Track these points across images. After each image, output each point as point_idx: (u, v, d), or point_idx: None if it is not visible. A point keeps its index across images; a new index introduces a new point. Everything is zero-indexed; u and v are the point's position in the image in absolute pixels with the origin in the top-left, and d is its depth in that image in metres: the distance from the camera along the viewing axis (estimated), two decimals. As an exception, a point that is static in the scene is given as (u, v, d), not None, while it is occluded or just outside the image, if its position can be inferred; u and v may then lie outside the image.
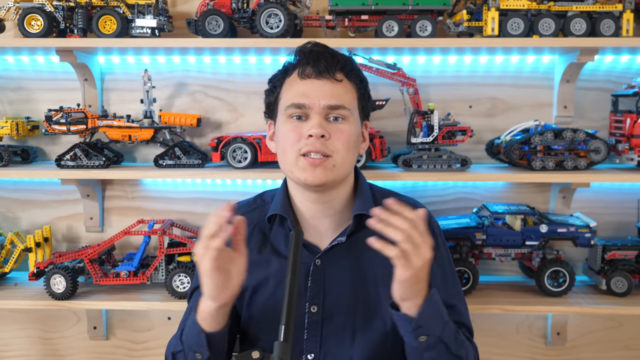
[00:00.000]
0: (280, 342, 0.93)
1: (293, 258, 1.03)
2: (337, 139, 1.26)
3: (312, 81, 1.28)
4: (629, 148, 1.90)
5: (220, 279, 1.11)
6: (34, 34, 1.85)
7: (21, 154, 2.06)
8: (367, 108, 1.38)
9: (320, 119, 1.26)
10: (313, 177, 1.25)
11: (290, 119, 1.29)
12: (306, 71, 1.29)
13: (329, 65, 1.28)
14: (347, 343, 1.30)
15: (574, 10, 1.85)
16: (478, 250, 1.94)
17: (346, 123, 1.28)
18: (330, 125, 1.27)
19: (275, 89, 1.35)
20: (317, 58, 1.28)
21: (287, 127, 1.29)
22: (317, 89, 1.27)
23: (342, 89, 1.29)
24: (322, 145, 1.25)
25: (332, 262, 1.32)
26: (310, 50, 1.31)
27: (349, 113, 1.29)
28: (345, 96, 1.29)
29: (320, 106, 1.26)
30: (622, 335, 2.15)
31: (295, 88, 1.29)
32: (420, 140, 1.88)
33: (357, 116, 1.32)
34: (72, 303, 1.90)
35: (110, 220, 2.16)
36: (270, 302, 1.33)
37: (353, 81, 1.32)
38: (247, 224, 1.39)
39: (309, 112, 1.27)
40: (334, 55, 1.31)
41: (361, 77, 1.36)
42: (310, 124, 1.26)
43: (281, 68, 1.35)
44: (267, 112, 1.39)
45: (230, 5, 1.87)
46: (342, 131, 1.27)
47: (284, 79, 1.33)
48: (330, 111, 1.27)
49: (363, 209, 1.32)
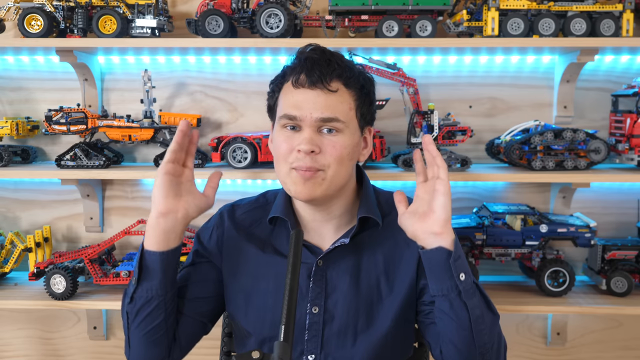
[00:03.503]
0: (280, 342, 0.93)
1: (293, 258, 1.03)
2: (329, 154, 1.24)
3: (305, 91, 1.25)
4: (629, 148, 1.90)
5: (168, 188, 1.21)
6: (34, 34, 1.85)
7: (21, 154, 2.07)
8: (368, 114, 1.33)
9: (311, 132, 1.23)
10: (302, 192, 1.24)
11: (284, 129, 1.27)
12: (299, 80, 1.25)
13: (323, 74, 1.24)
14: (349, 344, 1.30)
15: (574, 10, 1.85)
16: (478, 250, 1.94)
17: (340, 135, 1.25)
18: (323, 139, 1.24)
19: (274, 93, 1.33)
20: (312, 67, 1.24)
21: (281, 138, 1.27)
22: (309, 100, 1.24)
23: (336, 100, 1.25)
24: (311, 160, 1.23)
25: (334, 263, 1.32)
26: (306, 57, 1.27)
27: (343, 125, 1.25)
28: (340, 107, 1.25)
29: (312, 119, 1.23)
30: (622, 335, 2.15)
31: (289, 97, 1.27)
32: (420, 140, 1.88)
33: (355, 126, 1.28)
34: (72, 303, 1.90)
35: (110, 220, 2.16)
36: (270, 302, 1.33)
37: (351, 89, 1.27)
38: (248, 223, 1.41)
39: (301, 124, 1.25)
40: (330, 62, 1.25)
41: (362, 84, 1.30)
42: (301, 137, 1.23)
43: (281, 70, 1.33)
44: (269, 114, 1.39)
45: (230, 5, 1.87)
46: (335, 145, 1.24)
47: (282, 83, 1.31)
48: (323, 123, 1.24)
49: (368, 212, 1.31)
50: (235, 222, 1.40)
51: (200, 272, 1.39)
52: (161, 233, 1.22)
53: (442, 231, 1.13)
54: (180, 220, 1.23)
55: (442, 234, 1.13)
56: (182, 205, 1.23)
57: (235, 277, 1.37)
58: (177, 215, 1.23)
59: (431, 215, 1.14)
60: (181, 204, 1.23)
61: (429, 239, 1.14)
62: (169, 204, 1.21)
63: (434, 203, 1.14)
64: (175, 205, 1.22)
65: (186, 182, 1.26)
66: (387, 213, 1.36)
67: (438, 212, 1.13)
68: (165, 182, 1.21)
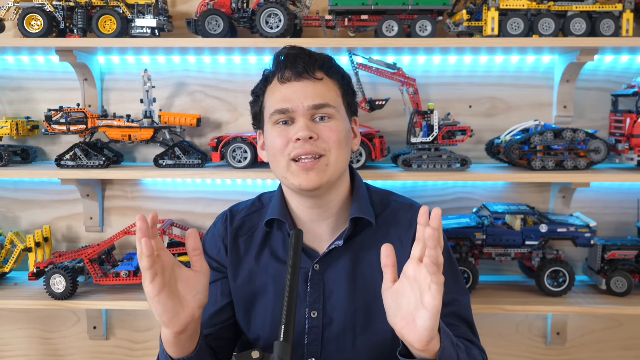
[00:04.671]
0: (280, 342, 0.93)
1: (293, 258, 1.03)
2: (327, 138, 1.25)
3: (293, 84, 1.27)
4: (629, 148, 1.90)
5: (170, 305, 1.04)
6: (34, 34, 1.85)
7: (21, 154, 2.06)
8: (353, 104, 1.36)
9: (306, 121, 1.24)
10: (307, 182, 1.24)
11: (276, 126, 1.27)
12: (285, 75, 1.27)
13: (307, 65, 1.27)
14: (349, 347, 1.30)
15: (574, 10, 1.85)
16: (478, 250, 1.94)
17: (333, 121, 1.27)
18: (318, 126, 1.25)
19: (258, 99, 1.34)
20: (294, 60, 1.27)
21: (274, 134, 1.27)
22: (299, 91, 1.26)
23: (324, 88, 1.27)
24: (312, 146, 1.23)
25: (330, 267, 1.32)
26: (286, 54, 1.30)
27: (335, 111, 1.27)
28: (329, 94, 1.28)
29: (305, 108, 1.25)
30: (622, 335, 2.15)
31: (277, 94, 1.28)
32: (420, 140, 1.88)
33: (344, 113, 1.31)
34: (72, 303, 1.90)
35: (110, 220, 2.16)
36: (270, 306, 1.33)
37: (334, 78, 1.31)
38: (247, 229, 1.40)
39: (294, 116, 1.25)
40: (312, 55, 1.29)
41: (343, 74, 1.34)
42: (297, 127, 1.24)
43: (262, 77, 1.35)
44: (255, 123, 1.39)
45: (230, 5, 1.87)
46: (331, 129, 1.25)
47: (265, 87, 1.33)
48: (316, 111, 1.25)
49: (360, 212, 1.31)
50: (234, 229, 1.40)
51: (224, 291, 1.37)
52: (186, 342, 1.11)
53: (425, 348, 0.99)
54: (197, 321, 1.10)
55: (424, 350, 0.99)
56: (190, 308, 1.07)
57: (236, 286, 1.37)
58: (194, 323, 1.09)
59: (414, 329, 0.98)
60: (190, 307, 1.07)
61: (410, 347, 1.02)
62: (181, 320, 1.06)
63: (418, 320, 0.97)
64: (185, 314, 1.07)
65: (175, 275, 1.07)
66: (381, 212, 1.36)
67: (421, 331, 0.97)
68: (162, 302, 1.04)
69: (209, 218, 2.13)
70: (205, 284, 1.09)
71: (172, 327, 1.06)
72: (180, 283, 1.07)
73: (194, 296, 1.07)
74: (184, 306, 1.07)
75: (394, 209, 1.38)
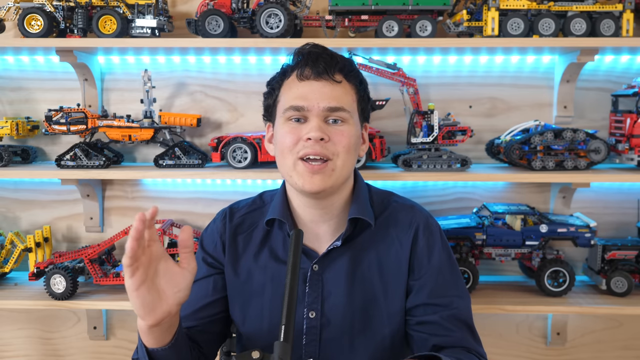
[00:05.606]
0: (280, 342, 0.93)
1: (293, 258, 1.02)
2: (337, 142, 1.24)
3: (311, 83, 1.26)
4: (629, 148, 1.90)
5: (148, 299, 1.03)
6: (34, 34, 1.85)
7: (21, 154, 2.06)
8: (366, 110, 1.36)
9: (319, 121, 1.24)
10: (311, 185, 1.23)
11: (289, 122, 1.27)
12: (305, 73, 1.26)
13: (328, 66, 1.26)
14: (347, 347, 1.30)
15: (574, 10, 1.85)
16: (478, 250, 1.94)
17: (346, 125, 1.26)
18: (330, 128, 1.25)
19: (273, 92, 1.33)
20: (316, 59, 1.26)
21: (285, 130, 1.27)
22: (316, 90, 1.25)
23: (341, 91, 1.27)
24: (321, 147, 1.23)
25: (329, 267, 1.31)
26: (308, 51, 1.29)
27: (349, 115, 1.27)
28: (345, 98, 1.27)
29: (320, 108, 1.24)
30: (622, 335, 2.15)
31: (294, 90, 1.27)
32: (420, 140, 1.88)
33: (357, 118, 1.30)
34: (72, 303, 1.90)
35: (110, 220, 2.16)
36: (267, 305, 1.32)
37: (352, 83, 1.30)
38: (246, 226, 1.40)
39: (307, 115, 1.25)
40: (333, 56, 1.28)
41: (361, 79, 1.33)
42: (309, 126, 1.24)
43: (279, 70, 1.34)
44: (266, 115, 1.38)
45: (230, 5, 1.87)
46: (342, 133, 1.25)
47: (282, 81, 1.31)
48: (330, 113, 1.25)
49: (358, 213, 1.31)
50: (233, 226, 1.39)
51: (216, 286, 1.37)
52: (160, 335, 1.12)
53: None
54: (173, 317, 1.10)
55: None
56: (167, 304, 1.06)
57: (233, 283, 1.37)
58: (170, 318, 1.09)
59: None
60: (168, 303, 1.06)
61: None
62: (157, 315, 1.06)
63: None
64: (162, 309, 1.06)
65: (160, 268, 1.06)
66: (381, 212, 1.36)
67: None
68: (141, 296, 1.03)
69: (208, 218, 2.12)
70: (189, 282, 1.07)
71: (147, 320, 1.06)
72: (164, 277, 1.06)
73: (175, 293, 1.06)
74: (163, 301, 1.06)
75: (394, 210, 1.37)
